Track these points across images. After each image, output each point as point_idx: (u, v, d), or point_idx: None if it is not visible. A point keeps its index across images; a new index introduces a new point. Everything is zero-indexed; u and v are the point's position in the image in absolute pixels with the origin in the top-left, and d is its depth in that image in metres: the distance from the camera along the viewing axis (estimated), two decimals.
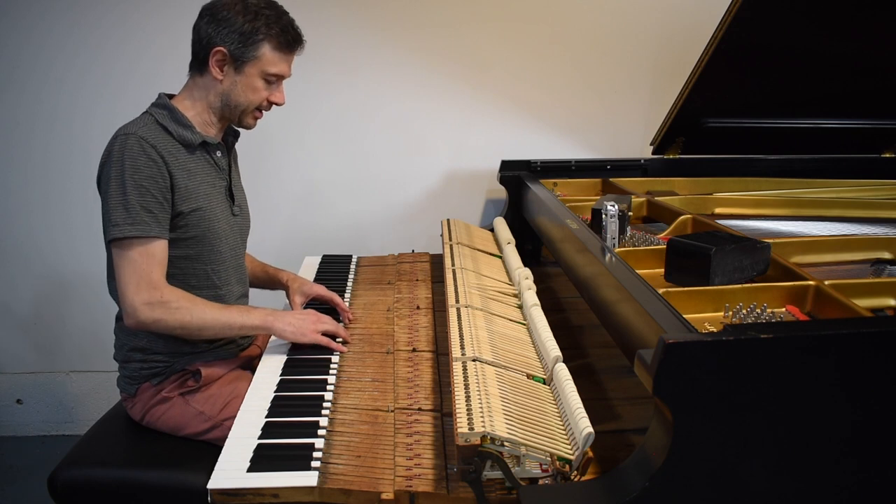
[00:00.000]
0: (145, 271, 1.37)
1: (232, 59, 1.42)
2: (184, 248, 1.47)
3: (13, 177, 2.39)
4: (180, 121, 1.45)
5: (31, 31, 2.26)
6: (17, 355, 2.57)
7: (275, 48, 1.44)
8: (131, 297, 1.36)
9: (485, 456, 0.97)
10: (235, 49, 1.41)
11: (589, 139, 2.48)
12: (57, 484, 1.39)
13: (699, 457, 0.89)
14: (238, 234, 1.60)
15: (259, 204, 2.46)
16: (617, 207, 1.53)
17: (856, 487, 0.95)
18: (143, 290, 1.36)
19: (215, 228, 1.50)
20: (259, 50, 1.42)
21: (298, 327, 1.47)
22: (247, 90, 1.46)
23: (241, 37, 1.40)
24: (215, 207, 1.51)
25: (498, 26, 2.36)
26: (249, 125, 1.53)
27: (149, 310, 1.37)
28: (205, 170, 1.50)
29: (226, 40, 1.41)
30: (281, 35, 1.43)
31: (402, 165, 2.47)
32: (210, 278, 1.52)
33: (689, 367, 0.86)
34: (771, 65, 1.90)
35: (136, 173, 1.36)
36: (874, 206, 1.91)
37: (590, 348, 1.59)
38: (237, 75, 1.44)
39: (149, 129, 1.40)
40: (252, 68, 1.44)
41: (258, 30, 1.41)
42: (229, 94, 1.46)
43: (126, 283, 1.37)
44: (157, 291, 1.37)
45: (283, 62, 1.47)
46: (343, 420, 1.23)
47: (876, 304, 1.28)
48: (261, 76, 1.45)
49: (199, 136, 1.48)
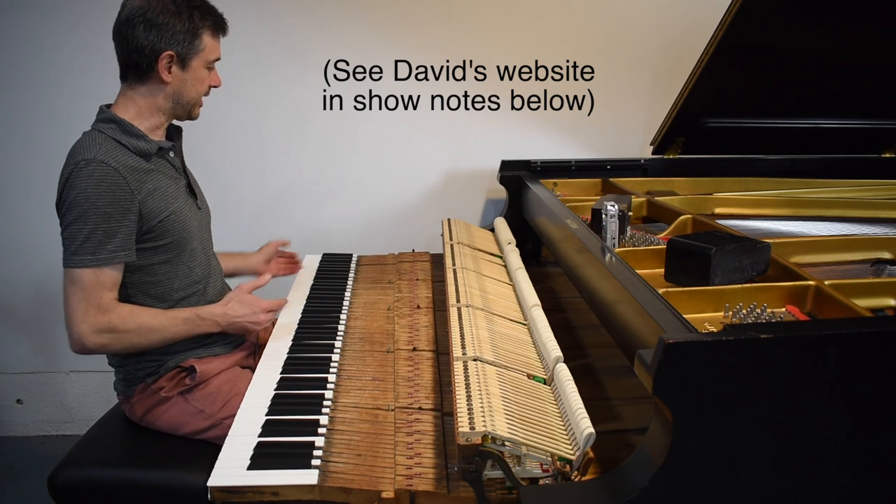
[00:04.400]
0: (95, 297, 1.37)
1: (180, 58, 1.44)
2: (162, 254, 1.47)
3: (13, 177, 2.39)
4: (131, 131, 1.44)
5: (31, 31, 2.26)
6: (17, 355, 2.57)
7: (212, 36, 1.48)
8: (79, 325, 1.36)
9: (486, 455, 0.97)
10: (182, 49, 1.43)
11: (589, 139, 2.48)
12: (57, 484, 1.40)
13: (699, 457, 0.90)
14: (205, 227, 1.65)
15: (259, 203, 2.48)
16: (617, 207, 1.53)
17: (855, 487, 0.95)
18: (91, 315, 1.37)
19: (188, 228, 1.52)
20: (202, 42, 1.46)
21: (247, 326, 1.53)
22: (196, 83, 1.49)
23: (185, 36, 1.42)
24: (182, 207, 1.52)
25: (498, 25, 2.36)
26: (197, 115, 1.55)
27: (96, 336, 1.37)
28: (165, 174, 1.50)
29: (171, 43, 1.41)
30: (215, 21, 1.48)
31: (403, 165, 2.47)
32: (189, 276, 1.53)
33: (689, 367, 0.86)
34: (771, 64, 1.90)
35: (98, 200, 1.35)
36: (874, 206, 1.91)
37: (590, 348, 1.59)
38: (185, 73, 1.46)
39: (106, 150, 1.38)
40: (197, 61, 1.47)
41: (198, 25, 1.44)
42: (180, 92, 1.47)
43: (74, 308, 1.36)
44: (104, 316, 1.38)
45: (218, 47, 1.52)
46: (343, 419, 1.23)
47: (876, 304, 1.28)
48: (204, 66, 1.49)
49: (154, 143, 1.47)
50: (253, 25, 2.30)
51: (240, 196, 2.46)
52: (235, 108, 2.36)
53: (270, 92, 2.37)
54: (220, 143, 2.39)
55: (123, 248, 1.39)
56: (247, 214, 2.48)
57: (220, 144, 2.39)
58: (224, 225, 2.28)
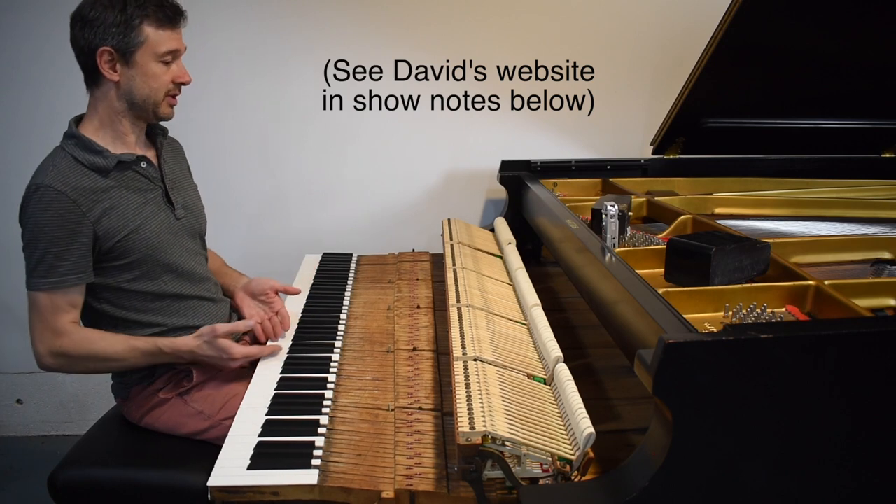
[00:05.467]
0: (50, 321, 1.38)
1: (119, 54, 1.37)
2: (129, 271, 1.44)
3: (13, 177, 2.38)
4: (89, 147, 1.41)
5: (31, 31, 2.26)
6: (17, 355, 2.57)
7: (157, 27, 1.38)
8: (36, 345, 1.40)
9: (486, 455, 0.97)
10: (118, 43, 1.36)
11: (589, 139, 2.48)
12: (57, 484, 1.39)
13: (699, 457, 0.90)
14: (187, 235, 1.56)
15: (259, 203, 2.48)
16: (617, 207, 1.53)
17: (855, 487, 0.95)
18: (46, 338, 1.39)
19: (155, 243, 1.46)
20: (142, 34, 1.37)
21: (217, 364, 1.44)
22: (147, 79, 1.40)
23: (118, 28, 1.35)
24: (151, 222, 1.47)
25: (498, 25, 2.36)
26: (167, 114, 1.47)
27: (51, 358, 1.40)
28: (132, 188, 1.45)
29: (105, 38, 1.35)
30: (158, 11, 1.38)
31: (403, 165, 2.47)
32: (165, 289, 1.49)
33: (689, 367, 0.86)
34: (771, 64, 1.90)
35: (46, 225, 1.34)
36: (874, 206, 1.91)
37: (590, 348, 1.59)
38: (131, 69, 1.39)
39: (58, 173, 1.36)
40: (143, 56, 1.38)
41: (132, 15, 1.36)
42: (131, 90, 1.41)
43: (32, 329, 1.41)
44: (58, 340, 1.39)
45: (171, 38, 1.41)
46: (343, 418, 1.23)
47: (876, 304, 1.28)
48: (155, 60, 1.40)
49: (113, 157, 1.42)
50: (253, 25, 2.30)
51: (240, 196, 2.46)
52: (235, 108, 2.36)
53: (270, 92, 2.37)
54: (220, 143, 2.39)
55: (76, 272, 1.37)
56: (247, 214, 2.48)
57: (220, 144, 2.39)
58: (224, 225, 2.28)
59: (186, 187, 1.62)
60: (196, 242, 1.62)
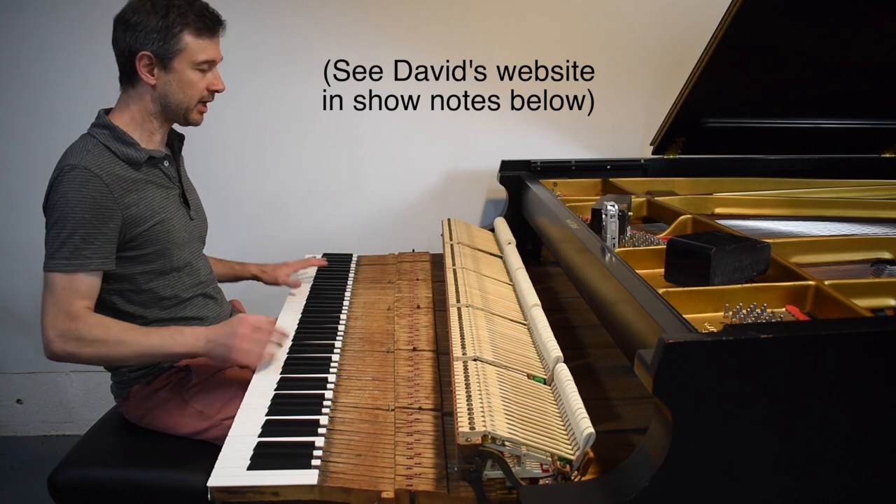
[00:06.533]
0: (65, 303, 1.34)
1: (158, 59, 1.40)
2: (144, 264, 1.45)
3: (13, 177, 2.39)
4: (123, 139, 1.43)
5: (31, 31, 2.26)
6: (17, 355, 2.57)
7: (196, 35, 1.41)
8: (48, 330, 1.34)
9: (486, 455, 0.97)
10: (158, 48, 1.39)
11: (589, 139, 2.48)
12: (57, 484, 1.40)
13: (699, 457, 0.90)
14: (197, 237, 1.62)
15: (259, 203, 2.48)
16: (617, 207, 1.53)
17: (855, 487, 0.95)
18: (59, 321, 1.34)
19: (174, 239, 1.49)
20: (181, 42, 1.40)
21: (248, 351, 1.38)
22: (183, 86, 1.44)
23: (158, 34, 1.38)
24: (172, 218, 1.50)
25: (498, 25, 2.36)
26: (196, 120, 1.51)
27: (62, 342, 1.33)
28: (156, 183, 1.48)
29: (146, 43, 1.38)
30: (198, 20, 1.41)
31: (403, 165, 2.47)
32: (175, 286, 1.52)
33: (689, 367, 0.86)
34: (771, 64, 1.90)
35: (78, 205, 1.33)
36: (874, 206, 1.91)
37: (590, 348, 1.59)
38: (168, 74, 1.42)
39: (93, 157, 1.37)
40: (180, 63, 1.42)
41: (174, 22, 1.39)
42: (166, 95, 1.44)
43: (45, 312, 1.35)
44: (72, 323, 1.34)
45: (209, 47, 1.44)
46: (343, 419, 1.23)
47: (876, 304, 1.28)
48: (192, 67, 1.43)
49: (145, 152, 1.45)
50: (253, 25, 2.30)
51: (240, 196, 2.46)
52: (235, 108, 2.36)
53: (270, 92, 2.37)
54: (220, 143, 2.39)
55: (100, 256, 1.37)
56: (247, 214, 2.48)
57: (220, 144, 2.39)
58: (224, 225, 2.28)
59: (194, 193, 1.67)
60: (201, 246, 1.66)
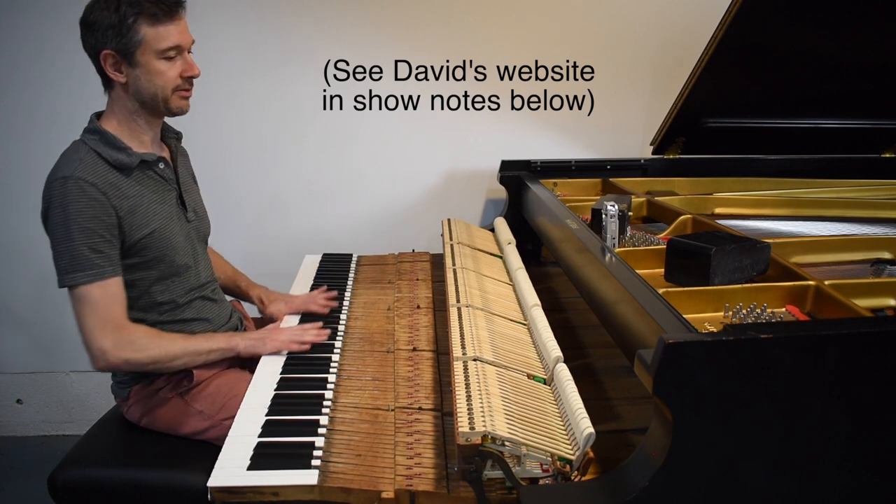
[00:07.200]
0: (107, 312, 1.34)
1: (121, 55, 1.36)
2: (143, 270, 1.44)
3: (13, 177, 2.39)
4: (113, 144, 1.40)
5: (31, 31, 2.26)
6: (17, 355, 2.57)
7: (152, 24, 1.35)
8: (99, 342, 1.33)
9: (486, 455, 0.97)
10: (118, 45, 1.34)
11: (589, 139, 2.48)
12: (57, 484, 1.39)
13: (699, 457, 0.90)
14: (196, 238, 1.58)
15: (259, 203, 2.48)
16: (617, 207, 1.53)
17: (855, 487, 0.95)
18: (108, 332, 1.33)
19: (173, 244, 1.47)
20: (138, 33, 1.34)
21: (260, 337, 1.49)
22: (152, 77, 1.38)
23: (114, 30, 1.33)
24: (169, 223, 1.47)
25: (498, 25, 2.36)
26: (181, 107, 1.45)
27: (118, 351, 1.34)
28: (151, 188, 1.46)
29: (105, 41, 1.34)
30: (152, 7, 1.35)
31: (403, 165, 2.47)
32: (175, 291, 1.50)
33: (689, 367, 0.86)
34: (771, 64, 1.90)
35: (79, 216, 1.32)
36: (874, 206, 1.91)
37: (590, 348, 1.59)
38: (135, 69, 1.37)
39: (85, 166, 1.35)
40: (143, 55, 1.36)
41: (126, 14, 1.33)
42: (139, 90, 1.39)
43: (90, 328, 1.34)
44: (123, 331, 1.35)
45: (171, 33, 1.38)
46: (343, 419, 1.23)
47: (876, 304, 1.28)
48: (157, 57, 1.37)
49: (136, 156, 1.43)
50: (253, 25, 2.30)
51: (240, 196, 2.46)
52: (235, 108, 2.36)
53: (270, 92, 2.37)
54: (220, 143, 2.39)
55: (111, 263, 1.36)
56: (247, 214, 2.48)
57: (220, 144, 2.39)
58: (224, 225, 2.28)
59: (194, 192, 1.65)
60: (203, 246, 1.64)
